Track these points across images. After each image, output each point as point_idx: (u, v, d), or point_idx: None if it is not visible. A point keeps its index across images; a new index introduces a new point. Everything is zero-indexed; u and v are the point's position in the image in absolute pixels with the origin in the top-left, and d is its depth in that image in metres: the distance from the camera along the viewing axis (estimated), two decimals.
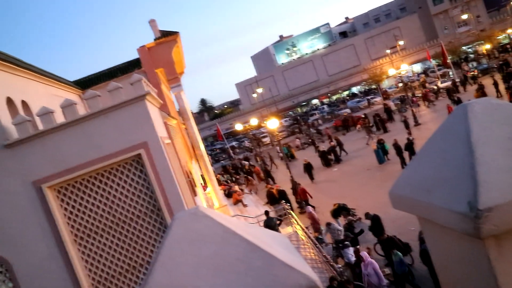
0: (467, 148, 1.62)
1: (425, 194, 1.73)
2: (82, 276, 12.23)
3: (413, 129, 32.39)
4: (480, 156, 1.57)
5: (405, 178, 1.96)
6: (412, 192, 1.82)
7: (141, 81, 12.50)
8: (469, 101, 1.80)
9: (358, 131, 43.60)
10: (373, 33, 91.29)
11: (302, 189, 23.84)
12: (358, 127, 44.65)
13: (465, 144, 1.63)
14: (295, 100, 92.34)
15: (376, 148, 27.88)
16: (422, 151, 1.98)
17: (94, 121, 12.19)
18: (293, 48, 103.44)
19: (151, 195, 12.51)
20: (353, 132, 44.98)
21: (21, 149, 12.05)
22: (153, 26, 23.85)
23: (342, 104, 75.05)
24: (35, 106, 14.79)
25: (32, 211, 12.13)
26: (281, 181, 30.85)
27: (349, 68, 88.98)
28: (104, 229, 12.51)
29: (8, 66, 13.55)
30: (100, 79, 23.41)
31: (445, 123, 1.88)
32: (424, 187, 1.75)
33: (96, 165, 12.18)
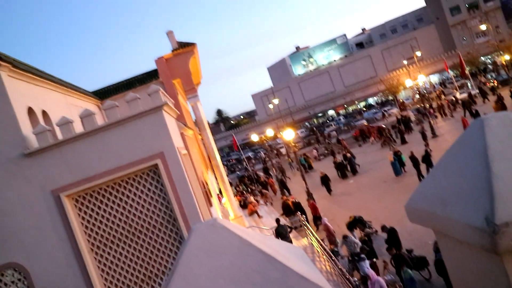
0: (484, 162, 1.62)
1: (442, 208, 1.73)
2: (98, 285, 12.31)
3: (430, 140, 32.05)
4: (497, 171, 1.57)
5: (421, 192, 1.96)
6: (429, 206, 1.82)
7: (158, 92, 12.64)
8: (486, 116, 1.80)
9: (371, 144, 43.36)
10: (390, 44, 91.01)
11: (312, 204, 23.70)
12: (372, 139, 44.45)
13: (482, 159, 1.63)
14: (311, 111, 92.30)
15: (393, 160, 27.65)
16: (438, 165, 1.98)
17: (112, 131, 12.35)
18: (309, 59, 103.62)
19: (167, 205, 12.58)
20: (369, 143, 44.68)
21: (40, 158, 12.25)
22: (170, 37, 24.13)
23: (358, 115, 74.73)
24: (54, 115, 15.05)
25: (50, 220, 12.28)
26: (297, 192, 30.75)
27: (365, 79, 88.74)
28: (121, 238, 12.60)
29: (29, 76, 13.84)
30: (119, 89, 23.74)
31: (462, 137, 1.88)
32: (441, 200, 1.75)
33: (114, 174, 12.31)
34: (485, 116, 1.78)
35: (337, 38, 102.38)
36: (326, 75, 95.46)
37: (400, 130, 39.18)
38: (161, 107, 12.40)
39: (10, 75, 12.64)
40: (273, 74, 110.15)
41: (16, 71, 12.97)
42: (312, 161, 43.29)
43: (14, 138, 12.21)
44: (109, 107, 12.63)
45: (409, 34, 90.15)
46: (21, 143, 12.22)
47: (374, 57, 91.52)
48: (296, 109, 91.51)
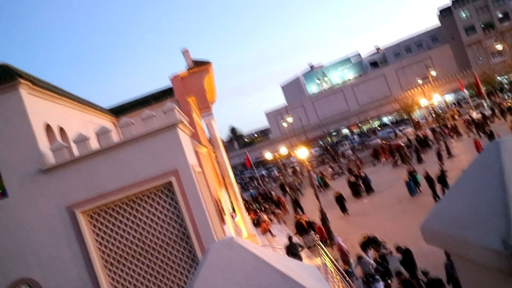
0: (500, 184, 1.62)
1: (458, 230, 1.72)
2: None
3: (445, 160, 31.72)
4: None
5: (437, 213, 1.96)
6: (445, 227, 1.82)
7: (173, 110, 12.78)
8: (503, 138, 1.81)
9: (383, 164, 43.02)
10: (404, 63, 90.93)
11: (318, 227, 23.49)
12: (383, 159, 44.12)
13: (498, 181, 1.63)
14: (325, 130, 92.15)
15: (408, 180, 27.36)
16: (455, 186, 1.98)
17: (127, 148, 12.48)
18: (323, 77, 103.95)
19: (181, 223, 12.61)
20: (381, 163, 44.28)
21: (57, 174, 12.41)
22: (186, 56, 24.45)
23: (373, 134, 74.38)
24: (71, 132, 15.28)
25: (65, 235, 12.38)
26: (311, 211, 30.54)
27: (380, 98, 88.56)
28: (134, 255, 12.63)
29: (47, 94, 14.11)
30: (134, 106, 24.03)
31: (478, 159, 1.89)
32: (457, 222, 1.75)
33: (128, 191, 12.40)
34: (502, 139, 1.78)
35: (351, 57, 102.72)
36: (340, 93, 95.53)
37: (416, 149, 38.77)
38: (176, 125, 12.52)
39: (29, 93, 12.91)
40: (287, 92, 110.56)
41: (35, 88, 13.25)
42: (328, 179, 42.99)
43: (32, 154, 12.41)
44: (125, 125, 12.80)
45: (424, 54, 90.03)
46: (38, 159, 12.41)
47: (388, 76, 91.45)
48: (310, 127, 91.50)
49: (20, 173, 12.40)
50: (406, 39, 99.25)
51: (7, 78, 12.38)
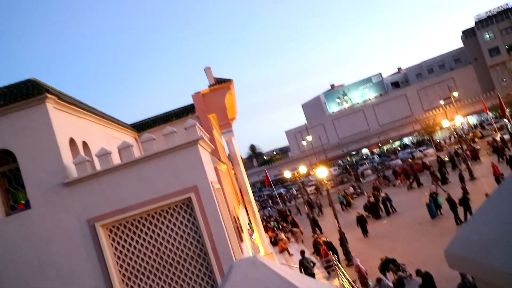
0: None
1: (484, 255, 1.71)
2: None
3: (468, 183, 31.18)
4: None
5: (462, 237, 1.94)
6: (470, 252, 1.80)
7: (195, 126, 12.90)
8: None
9: (398, 187, 42.49)
10: (426, 84, 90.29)
11: (324, 250, 23.20)
12: (398, 182, 43.60)
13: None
14: (345, 149, 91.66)
15: (428, 202, 26.94)
16: (480, 211, 1.97)
17: (149, 164, 12.61)
18: (344, 97, 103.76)
19: (199, 239, 12.61)
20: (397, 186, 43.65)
21: (79, 188, 12.60)
22: (208, 73, 24.73)
23: (393, 155, 73.64)
24: (94, 146, 15.53)
25: (84, 248, 12.50)
26: (329, 231, 30.25)
27: (400, 119, 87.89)
28: (151, 270, 12.65)
29: (73, 108, 14.41)
30: (156, 122, 24.32)
31: (503, 184, 1.88)
32: (483, 248, 1.73)
33: (148, 206, 12.49)
34: None
35: (373, 76, 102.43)
36: (360, 113, 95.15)
37: (440, 170, 38.18)
38: (197, 141, 12.62)
39: (55, 107, 13.21)
40: (307, 111, 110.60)
41: (61, 103, 13.55)
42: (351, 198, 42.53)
43: (55, 167, 12.64)
44: (146, 140, 12.95)
45: (446, 74, 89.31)
46: (61, 173, 12.63)
47: (410, 97, 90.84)
48: (330, 146, 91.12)
49: (44, 185, 12.63)
50: (428, 60, 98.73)
51: (34, 92, 12.70)
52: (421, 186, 38.40)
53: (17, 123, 12.83)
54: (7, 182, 13.15)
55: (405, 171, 44.53)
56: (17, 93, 12.96)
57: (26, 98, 12.67)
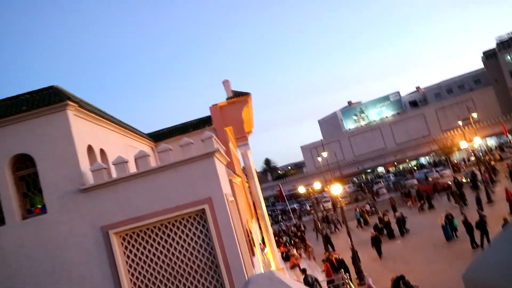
0: None
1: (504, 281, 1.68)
2: None
3: (485, 206, 30.65)
4: None
5: (481, 262, 1.92)
6: (490, 278, 1.78)
7: (211, 139, 12.98)
8: None
9: (409, 208, 41.93)
10: (444, 104, 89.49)
11: (327, 267, 22.90)
12: (410, 203, 43.06)
13: None
14: (360, 167, 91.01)
15: (444, 224, 26.51)
16: (500, 237, 1.94)
17: (164, 174, 12.69)
18: (361, 114, 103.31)
19: (211, 251, 12.60)
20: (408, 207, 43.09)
21: (94, 195, 12.72)
22: (226, 86, 24.93)
23: (409, 174, 72.87)
24: (111, 154, 15.71)
25: (97, 255, 12.58)
26: (342, 248, 29.94)
27: (418, 138, 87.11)
28: (162, 280, 12.66)
29: (92, 116, 14.62)
30: (173, 133, 24.51)
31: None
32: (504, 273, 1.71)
33: (162, 216, 12.55)
34: None
35: (391, 95, 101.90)
36: (377, 131, 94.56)
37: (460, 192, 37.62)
38: (213, 153, 12.68)
39: (75, 114, 13.43)
40: (324, 127, 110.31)
41: (81, 111, 13.77)
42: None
43: (73, 173, 12.80)
44: (163, 150, 13.05)
45: (466, 95, 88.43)
46: (78, 179, 12.78)
47: (428, 116, 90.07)
48: (345, 163, 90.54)
49: (60, 191, 12.79)
50: (448, 80, 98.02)
51: (56, 100, 12.94)
52: (432, 208, 38.27)
53: (38, 128, 13.06)
54: (26, 186, 13.35)
55: (418, 192, 44.14)
56: (39, 99, 13.23)
57: (47, 105, 12.91)
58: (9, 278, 12.57)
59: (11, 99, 13.76)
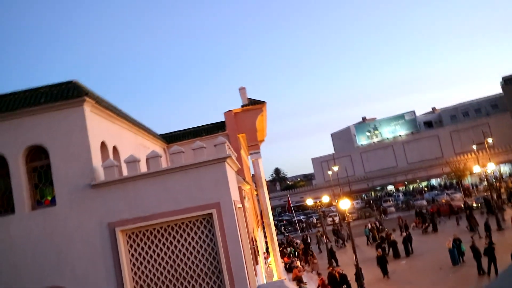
0: None
1: None
2: None
3: (494, 233, 30.23)
4: None
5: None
6: None
7: (224, 145, 13.04)
8: None
9: (413, 229, 41.47)
10: (460, 127, 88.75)
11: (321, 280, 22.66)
12: (413, 225, 42.55)
13: None
14: (370, 183, 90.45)
15: (451, 247, 26.20)
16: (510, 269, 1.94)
17: (175, 175, 12.75)
18: (374, 131, 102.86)
19: (215, 256, 12.61)
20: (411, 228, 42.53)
21: (104, 191, 12.82)
22: (242, 93, 25.02)
23: (419, 195, 72.25)
24: (124, 153, 15.84)
25: (102, 251, 12.65)
26: (346, 264, 29.72)
27: (430, 159, 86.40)
28: (164, 281, 12.68)
29: (108, 113, 14.77)
30: (185, 136, 24.64)
31: None
32: None
33: (169, 217, 12.60)
34: None
35: (406, 114, 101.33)
36: (389, 149, 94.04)
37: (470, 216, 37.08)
38: (225, 159, 12.72)
39: (92, 111, 13.58)
40: (336, 141, 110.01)
41: (98, 107, 13.93)
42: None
43: (84, 168, 12.93)
44: (175, 152, 13.12)
45: (482, 120, 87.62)
46: (89, 174, 12.90)
47: (442, 138, 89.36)
48: (355, 179, 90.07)
49: (71, 184, 12.91)
50: (465, 103, 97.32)
51: (74, 95, 13.11)
52: (436, 231, 38.12)
53: (54, 122, 13.23)
54: (37, 177, 13.50)
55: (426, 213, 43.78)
56: (58, 93, 13.41)
57: (65, 99, 13.08)
58: (14, 267, 12.69)
59: (30, 91, 13.96)
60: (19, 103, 13.40)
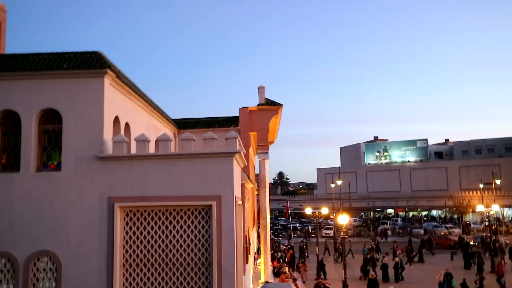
0: None
1: None
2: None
3: (488, 275, 29.97)
4: None
5: None
6: None
7: (235, 140, 13.03)
8: None
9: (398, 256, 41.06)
10: (470, 163, 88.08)
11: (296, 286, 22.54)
12: (399, 252, 42.05)
13: None
14: (370, 203, 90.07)
15: (442, 281, 26.03)
16: None
17: (182, 162, 12.78)
18: (384, 152, 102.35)
19: (207, 248, 12.62)
20: None
21: (110, 165, 12.89)
22: (260, 92, 25.00)
23: (417, 223, 71.83)
24: (135, 130, 15.91)
25: (98, 224, 12.72)
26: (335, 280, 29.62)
27: (435, 190, 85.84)
28: (153, 264, 12.72)
29: (126, 90, 14.84)
30: (197, 124, 24.69)
31: None
32: None
33: (169, 202, 12.64)
34: None
35: (418, 140, 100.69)
36: (396, 172, 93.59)
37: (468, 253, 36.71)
38: (234, 154, 12.73)
39: (111, 84, 13.66)
40: (344, 155, 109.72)
41: (118, 82, 13.99)
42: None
43: (94, 140, 13.00)
44: (186, 139, 13.14)
45: (493, 160, 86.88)
46: (98, 146, 12.97)
47: (450, 171, 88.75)
48: (357, 196, 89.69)
49: (79, 153, 12.99)
50: (479, 140, 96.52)
51: (97, 65, 13.18)
52: (422, 262, 38.49)
53: (72, 89, 13.31)
54: (47, 140, 13.59)
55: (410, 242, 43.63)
56: (81, 61, 13.49)
57: (88, 69, 13.16)
58: (12, 224, 12.81)
59: (54, 54, 14.06)
60: (41, 65, 13.51)
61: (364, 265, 32.47)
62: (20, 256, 12.73)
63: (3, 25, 19.56)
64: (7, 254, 12.79)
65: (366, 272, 31.22)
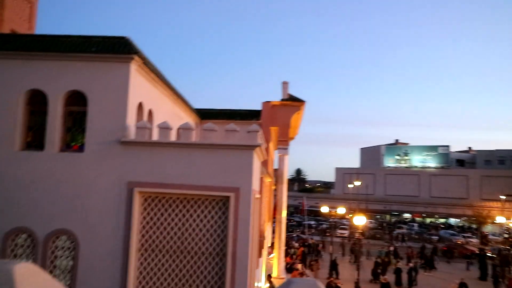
0: None
1: None
2: (131, 285, 12.54)
3: None
4: None
5: None
6: None
7: (257, 133, 13.01)
8: None
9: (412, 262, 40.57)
10: (492, 173, 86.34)
11: None
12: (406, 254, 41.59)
13: None
14: (387, 206, 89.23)
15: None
16: None
17: (202, 151, 12.82)
18: (404, 156, 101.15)
19: (223, 239, 12.66)
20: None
21: (132, 150, 13.01)
22: (284, 87, 24.92)
23: (433, 230, 70.90)
24: (158, 117, 16.02)
25: (116, 207, 12.87)
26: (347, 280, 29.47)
27: (454, 198, 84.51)
28: (169, 251, 12.82)
29: (151, 76, 14.93)
30: (219, 115, 24.73)
31: None
32: None
33: (188, 190, 12.70)
34: None
35: (440, 147, 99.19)
36: (415, 177, 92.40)
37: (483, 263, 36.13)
38: (254, 147, 12.71)
39: (137, 70, 13.76)
40: (364, 156, 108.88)
41: (144, 68, 14.09)
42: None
43: (118, 124, 13.13)
44: (208, 129, 13.17)
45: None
46: (121, 131, 13.10)
47: (471, 179, 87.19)
48: (374, 198, 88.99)
49: (102, 136, 13.14)
50: (503, 150, 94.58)
51: (124, 51, 13.29)
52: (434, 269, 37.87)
53: (99, 72, 13.46)
54: (72, 121, 13.78)
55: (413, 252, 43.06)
56: (109, 46, 13.61)
57: (115, 53, 13.28)
58: (34, 201, 13.05)
59: (84, 37, 14.22)
60: (71, 47, 13.68)
61: (375, 268, 32.24)
62: (40, 232, 12.97)
63: (34, 6, 19.88)
64: (28, 229, 13.05)
65: (377, 276, 31.00)
